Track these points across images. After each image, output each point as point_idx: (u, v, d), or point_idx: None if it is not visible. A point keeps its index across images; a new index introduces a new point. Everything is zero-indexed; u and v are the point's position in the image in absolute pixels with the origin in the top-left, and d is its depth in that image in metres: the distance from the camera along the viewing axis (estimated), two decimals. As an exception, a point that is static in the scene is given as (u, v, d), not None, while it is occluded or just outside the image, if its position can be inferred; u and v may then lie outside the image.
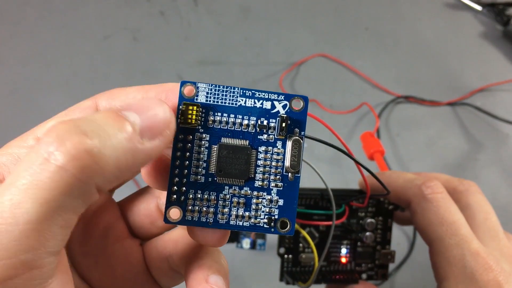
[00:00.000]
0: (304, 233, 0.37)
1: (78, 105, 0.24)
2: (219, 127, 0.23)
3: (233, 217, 0.23)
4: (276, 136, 0.23)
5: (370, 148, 0.47)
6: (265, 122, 0.23)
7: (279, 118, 0.23)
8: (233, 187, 0.23)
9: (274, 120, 0.23)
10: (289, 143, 0.23)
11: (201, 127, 0.22)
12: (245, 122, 0.23)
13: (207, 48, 0.70)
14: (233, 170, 0.22)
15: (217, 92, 0.23)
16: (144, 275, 0.28)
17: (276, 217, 0.23)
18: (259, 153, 0.23)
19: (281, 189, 0.23)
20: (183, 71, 0.68)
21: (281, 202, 0.23)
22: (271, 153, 0.23)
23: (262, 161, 0.23)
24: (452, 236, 0.32)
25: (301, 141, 0.23)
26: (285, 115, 0.23)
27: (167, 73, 0.68)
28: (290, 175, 0.23)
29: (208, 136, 0.23)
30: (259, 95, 0.23)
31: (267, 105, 0.23)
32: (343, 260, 0.39)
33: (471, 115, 0.68)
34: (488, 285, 0.30)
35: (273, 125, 0.23)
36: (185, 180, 0.22)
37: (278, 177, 0.23)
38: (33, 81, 0.66)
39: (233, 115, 0.23)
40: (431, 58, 0.72)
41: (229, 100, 0.23)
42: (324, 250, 0.35)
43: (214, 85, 0.23)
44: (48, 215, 0.17)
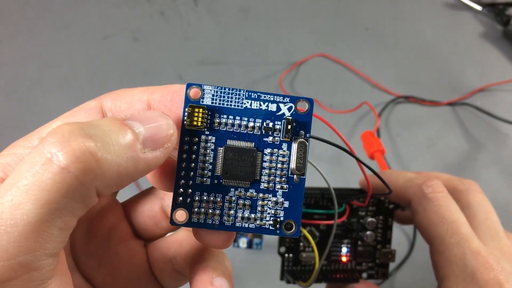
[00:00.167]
0: (305, 232, 0.37)
1: (83, 105, 0.24)
2: (225, 129, 0.23)
3: (238, 219, 0.23)
4: (281, 138, 0.23)
5: (370, 147, 0.47)
6: (270, 124, 0.23)
7: (284, 120, 0.23)
8: (239, 189, 0.23)
9: (279, 122, 0.23)
10: (294, 145, 0.23)
11: (207, 129, 0.23)
12: (250, 124, 0.23)
13: (207, 48, 0.70)
14: (239, 172, 0.22)
15: (222, 94, 0.23)
16: (148, 276, 0.28)
17: (282, 219, 0.23)
18: (264, 155, 0.23)
19: (286, 191, 0.23)
20: (183, 71, 0.68)
21: (286, 204, 0.23)
22: (276, 155, 0.23)
23: (267, 163, 0.23)
24: (452, 235, 0.32)
25: (307, 144, 0.23)
26: (291, 117, 0.23)
27: (167, 73, 0.68)
28: (295, 177, 0.23)
29: (214, 138, 0.23)
30: (264, 97, 0.23)
31: (273, 107, 0.23)
32: (344, 259, 0.39)
33: (471, 115, 0.68)
34: (488, 284, 0.30)
35: (278, 127, 0.23)
36: (191, 182, 0.22)
37: (283, 179, 0.23)
38: (33, 81, 0.66)
39: (239, 117, 0.23)
40: (431, 58, 0.72)
41: (235, 102, 0.23)
42: (326, 249, 0.35)
43: (220, 87, 0.23)
44: (48, 217, 0.17)
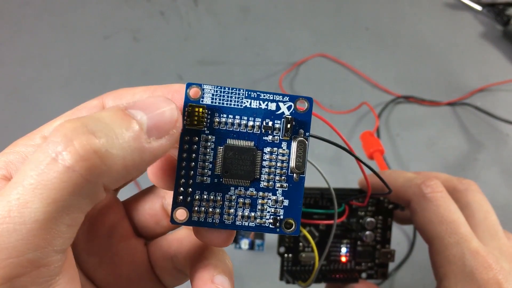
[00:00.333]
0: (305, 232, 0.37)
1: (85, 104, 0.24)
2: (225, 128, 0.23)
3: (238, 217, 0.23)
4: (281, 137, 0.23)
5: (370, 147, 0.47)
6: (270, 123, 0.23)
7: (284, 119, 0.23)
8: (239, 187, 0.23)
9: (279, 121, 0.23)
10: (294, 144, 0.23)
11: (206, 128, 0.23)
12: (250, 123, 0.23)
13: (207, 48, 0.70)
14: (238, 171, 0.22)
15: (222, 94, 0.23)
16: (149, 274, 0.28)
17: (282, 217, 0.23)
18: (264, 154, 0.23)
19: (286, 189, 0.23)
20: (183, 71, 0.68)
21: (286, 203, 0.23)
22: (276, 154, 0.23)
23: (267, 162, 0.23)
24: (451, 235, 0.32)
25: (306, 142, 0.23)
26: (290, 116, 0.23)
27: (167, 73, 0.68)
28: (295, 176, 0.23)
29: (214, 137, 0.23)
30: (264, 96, 0.23)
31: (272, 106, 0.23)
32: (343, 259, 0.39)
33: (471, 115, 0.68)
34: (487, 283, 0.30)
35: (278, 126, 0.23)
36: (191, 181, 0.22)
37: (283, 177, 0.23)
38: (33, 81, 0.66)
39: (239, 116, 0.23)
40: (431, 58, 0.72)
41: (235, 101, 0.23)
42: (325, 249, 0.35)
43: (220, 87, 0.23)
44: (56, 214, 0.17)
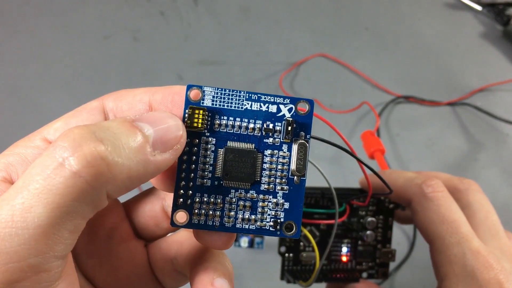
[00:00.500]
0: (306, 232, 0.37)
1: (85, 105, 0.24)
2: (225, 130, 0.23)
3: (239, 220, 0.23)
4: (282, 140, 0.23)
5: (370, 147, 0.47)
6: (270, 126, 0.23)
7: (284, 121, 0.23)
8: (239, 190, 0.23)
9: (279, 124, 0.23)
10: (295, 147, 0.23)
11: (207, 130, 0.23)
12: (251, 125, 0.23)
13: (207, 48, 0.70)
14: (239, 173, 0.22)
15: (223, 96, 0.23)
16: (148, 276, 0.28)
17: (282, 220, 0.23)
18: (265, 157, 0.23)
19: (286, 192, 0.23)
20: (183, 71, 0.68)
21: (287, 205, 0.23)
22: (277, 156, 0.23)
23: (268, 164, 0.23)
24: (452, 235, 0.32)
25: (307, 145, 0.23)
26: (291, 119, 0.23)
27: (167, 73, 0.68)
28: (295, 178, 0.23)
29: (214, 139, 0.23)
30: (264, 98, 0.23)
31: (273, 108, 0.23)
32: (344, 258, 0.39)
33: (471, 115, 0.68)
34: (488, 283, 0.30)
35: (279, 128, 0.23)
36: (191, 183, 0.22)
37: (284, 180, 0.23)
38: (33, 81, 0.66)
39: (239, 118, 0.23)
40: (431, 58, 0.72)
41: (235, 103, 0.23)
42: (326, 249, 0.35)
43: (220, 89, 0.23)
44: (59, 220, 0.17)
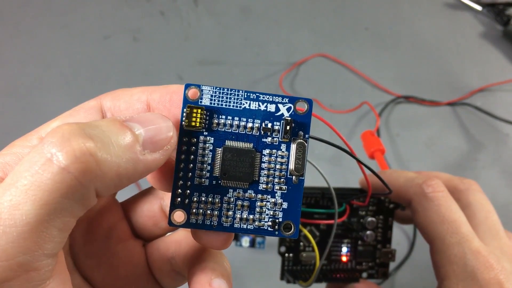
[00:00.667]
0: (306, 232, 0.37)
1: (83, 105, 0.24)
2: (224, 130, 0.23)
3: (237, 220, 0.23)
4: (280, 139, 0.23)
5: (370, 147, 0.47)
6: (269, 125, 0.23)
7: (283, 121, 0.23)
8: (237, 190, 0.23)
9: (278, 123, 0.23)
10: (293, 146, 0.23)
11: (205, 130, 0.22)
12: (249, 125, 0.23)
13: (207, 48, 0.70)
14: (237, 173, 0.22)
15: (221, 95, 0.23)
16: (147, 276, 0.28)
17: (280, 220, 0.23)
18: (263, 156, 0.23)
19: (285, 192, 0.23)
20: (183, 71, 0.68)
21: (285, 205, 0.23)
22: (275, 156, 0.23)
23: (266, 164, 0.23)
24: (453, 235, 0.32)
25: (306, 144, 0.23)
26: (290, 118, 0.23)
27: (167, 73, 0.68)
28: (294, 178, 0.23)
29: (213, 139, 0.23)
30: (263, 97, 0.23)
31: (272, 108, 0.23)
32: (344, 258, 0.39)
33: (471, 115, 0.68)
34: (489, 283, 0.30)
35: (277, 128, 0.23)
36: (189, 183, 0.22)
37: (282, 180, 0.23)
38: (33, 81, 0.66)
39: (238, 118, 0.23)
40: (431, 58, 0.72)
41: (234, 103, 0.23)
42: (326, 249, 0.35)
43: (219, 88, 0.23)
44: (47, 217, 0.17)
